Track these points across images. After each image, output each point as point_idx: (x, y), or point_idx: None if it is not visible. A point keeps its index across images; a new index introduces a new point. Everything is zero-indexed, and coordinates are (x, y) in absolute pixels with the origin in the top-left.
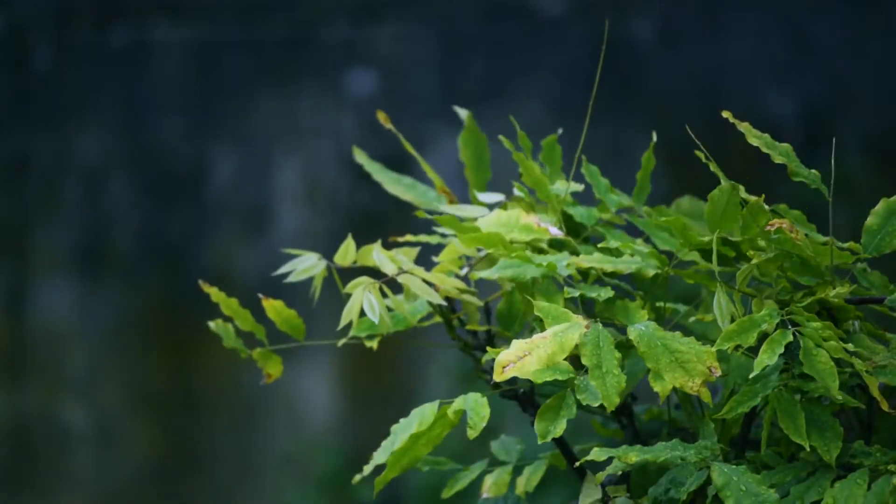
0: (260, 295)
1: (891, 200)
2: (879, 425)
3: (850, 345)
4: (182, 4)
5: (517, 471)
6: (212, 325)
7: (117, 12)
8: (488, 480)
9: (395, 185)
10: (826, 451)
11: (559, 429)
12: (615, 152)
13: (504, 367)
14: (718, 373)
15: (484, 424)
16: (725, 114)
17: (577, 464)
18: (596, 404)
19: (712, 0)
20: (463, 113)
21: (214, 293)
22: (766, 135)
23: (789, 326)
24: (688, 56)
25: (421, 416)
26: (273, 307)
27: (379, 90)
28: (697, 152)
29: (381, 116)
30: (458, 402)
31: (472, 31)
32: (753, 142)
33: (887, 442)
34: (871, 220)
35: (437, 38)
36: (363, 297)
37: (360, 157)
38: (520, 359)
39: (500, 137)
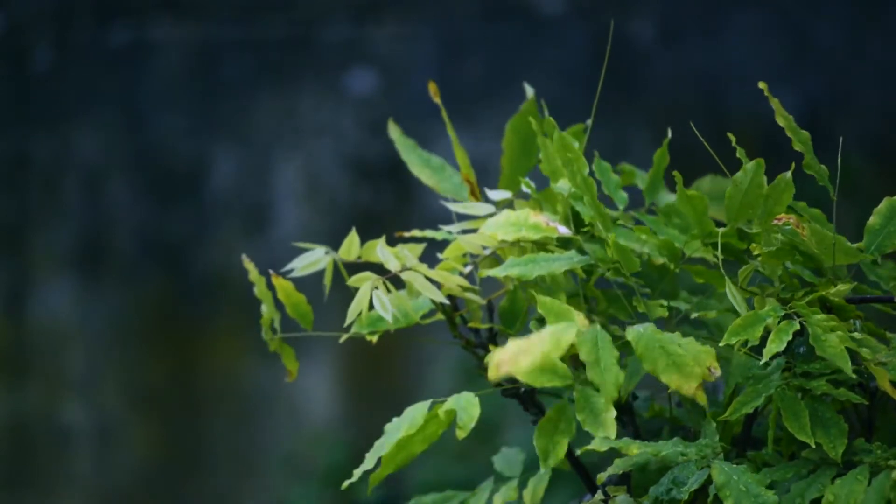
0: (270, 271)
1: (894, 199)
2: (880, 424)
3: (856, 333)
4: (182, 4)
5: (522, 483)
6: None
7: (117, 12)
8: (497, 501)
9: (423, 167)
10: (832, 448)
11: (559, 451)
12: (615, 152)
13: (499, 366)
14: (718, 373)
15: (473, 424)
16: (762, 85)
17: (580, 452)
18: (597, 434)
19: (712, 0)
20: (530, 91)
21: (252, 270)
22: (791, 117)
23: (795, 318)
24: (688, 56)
25: (411, 419)
26: (283, 288)
27: (379, 90)
28: (704, 144)
29: (432, 88)
30: (450, 402)
31: (472, 31)
32: (780, 122)
33: (888, 440)
34: (873, 220)
35: (437, 38)
36: (373, 294)
37: (394, 132)
38: (514, 357)
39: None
